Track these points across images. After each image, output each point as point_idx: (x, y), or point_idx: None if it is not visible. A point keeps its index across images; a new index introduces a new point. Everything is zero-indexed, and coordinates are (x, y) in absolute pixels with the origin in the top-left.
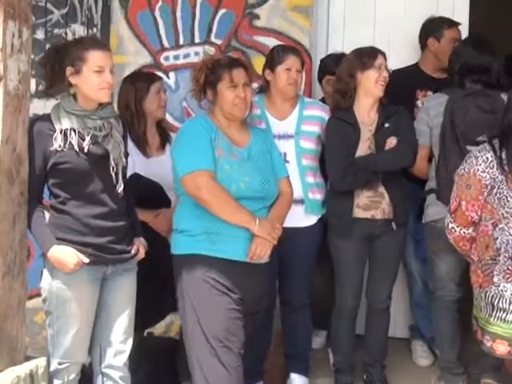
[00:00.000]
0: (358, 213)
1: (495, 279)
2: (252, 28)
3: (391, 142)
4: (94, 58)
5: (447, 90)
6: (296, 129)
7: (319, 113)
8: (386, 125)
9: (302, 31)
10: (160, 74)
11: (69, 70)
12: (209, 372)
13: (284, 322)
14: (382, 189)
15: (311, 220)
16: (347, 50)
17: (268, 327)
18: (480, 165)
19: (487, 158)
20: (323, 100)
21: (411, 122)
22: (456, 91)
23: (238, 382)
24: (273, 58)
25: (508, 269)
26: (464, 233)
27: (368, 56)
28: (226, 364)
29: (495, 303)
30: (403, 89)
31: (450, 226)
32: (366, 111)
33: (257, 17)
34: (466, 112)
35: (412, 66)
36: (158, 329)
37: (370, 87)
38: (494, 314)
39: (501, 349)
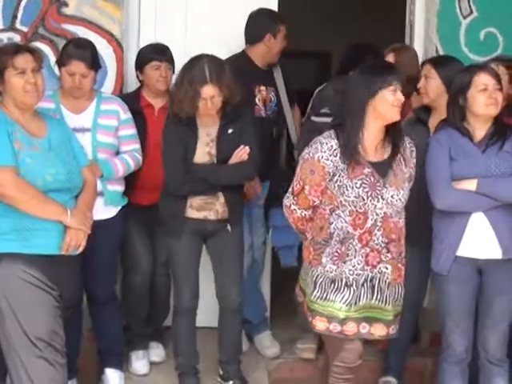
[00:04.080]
0: (191, 213)
1: (323, 260)
2: (60, 16)
3: (243, 153)
4: None
5: None
6: (93, 122)
7: (116, 107)
8: (230, 130)
9: (113, 21)
10: None
11: None
12: (35, 373)
13: (92, 317)
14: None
15: (111, 212)
16: (159, 41)
17: (77, 322)
18: (324, 152)
19: (331, 146)
20: (139, 91)
21: (253, 128)
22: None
23: (64, 378)
24: (61, 55)
25: (336, 252)
26: (305, 214)
27: (193, 87)
28: (53, 362)
29: (318, 282)
30: (242, 84)
31: (292, 207)
32: (208, 117)
33: (65, 4)
34: (322, 90)
35: (241, 56)
36: None
37: (201, 112)
38: (314, 292)
39: (320, 325)
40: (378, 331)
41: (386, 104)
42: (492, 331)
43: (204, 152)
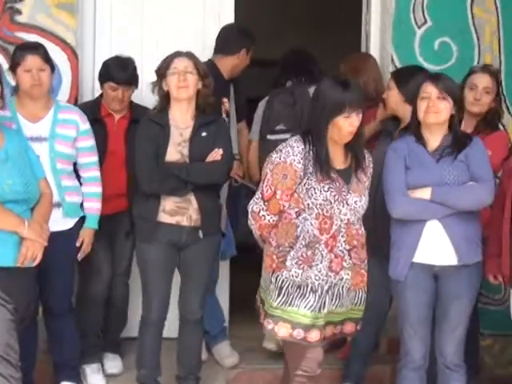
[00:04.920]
0: (164, 218)
1: (288, 263)
2: (13, 24)
3: (216, 154)
4: None
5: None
6: (50, 132)
7: (75, 117)
8: (204, 133)
9: (68, 29)
10: None
11: None
12: None
13: (48, 329)
14: (190, 195)
15: (69, 223)
16: (115, 49)
17: (33, 334)
18: (296, 155)
19: (302, 149)
20: (100, 99)
21: (229, 135)
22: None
23: None
24: (13, 59)
25: (301, 255)
26: (272, 220)
27: (165, 62)
28: (7, 376)
29: (284, 287)
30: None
31: (262, 213)
32: (180, 115)
33: (18, 12)
34: (269, 106)
35: (209, 66)
36: None
37: (173, 93)
38: (279, 298)
39: (282, 331)
40: (330, 332)
41: (339, 130)
42: (449, 337)
43: (175, 151)
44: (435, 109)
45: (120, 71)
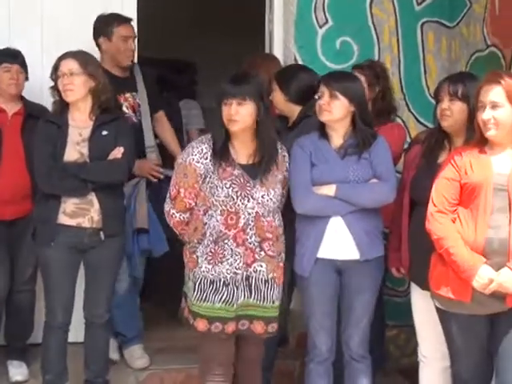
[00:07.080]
0: (64, 220)
1: (199, 261)
2: None
3: (117, 152)
4: None
5: None
6: None
7: None
8: (104, 132)
9: None
10: None
11: None
12: None
13: None
14: (91, 196)
15: None
16: None
17: None
18: (195, 155)
19: (202, 150)
20: None
21: (131, 133)
22: None
23: None
24: None
25: (210, 251)
26: (183, 218)
27: (54, 65)
28: None
29: (197, 283)
30: None
31: (171, 212)
32: (79, 115)
33: None
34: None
35: (100, 66)
36: None
37: (62, 96)
38: (195, 294)
39: (200, 326)
40: (258, 329)
41: (223, 116)
42: (354, 329)
43: (74, 150)
44: (327, 107)
45: (10, 53)
